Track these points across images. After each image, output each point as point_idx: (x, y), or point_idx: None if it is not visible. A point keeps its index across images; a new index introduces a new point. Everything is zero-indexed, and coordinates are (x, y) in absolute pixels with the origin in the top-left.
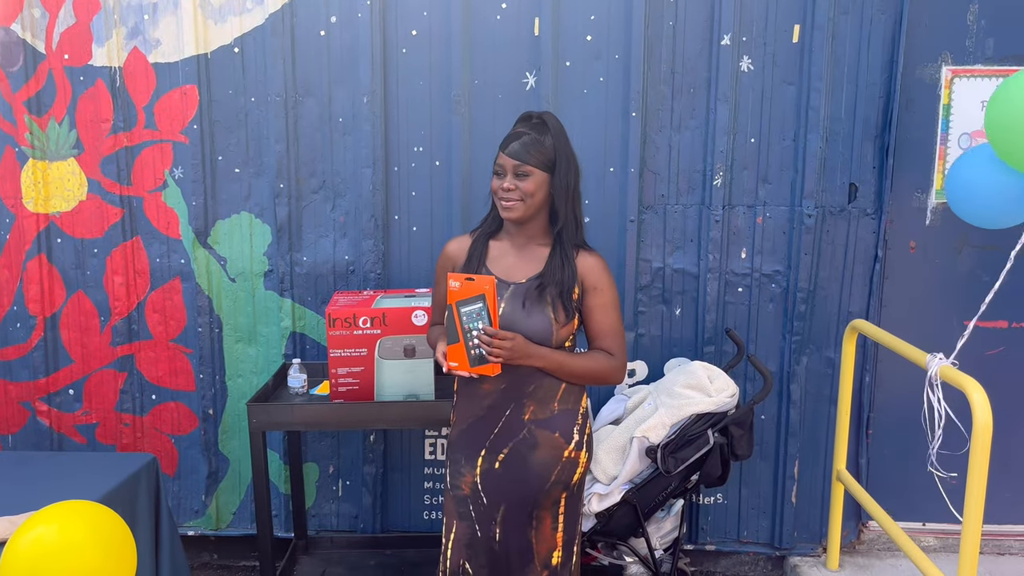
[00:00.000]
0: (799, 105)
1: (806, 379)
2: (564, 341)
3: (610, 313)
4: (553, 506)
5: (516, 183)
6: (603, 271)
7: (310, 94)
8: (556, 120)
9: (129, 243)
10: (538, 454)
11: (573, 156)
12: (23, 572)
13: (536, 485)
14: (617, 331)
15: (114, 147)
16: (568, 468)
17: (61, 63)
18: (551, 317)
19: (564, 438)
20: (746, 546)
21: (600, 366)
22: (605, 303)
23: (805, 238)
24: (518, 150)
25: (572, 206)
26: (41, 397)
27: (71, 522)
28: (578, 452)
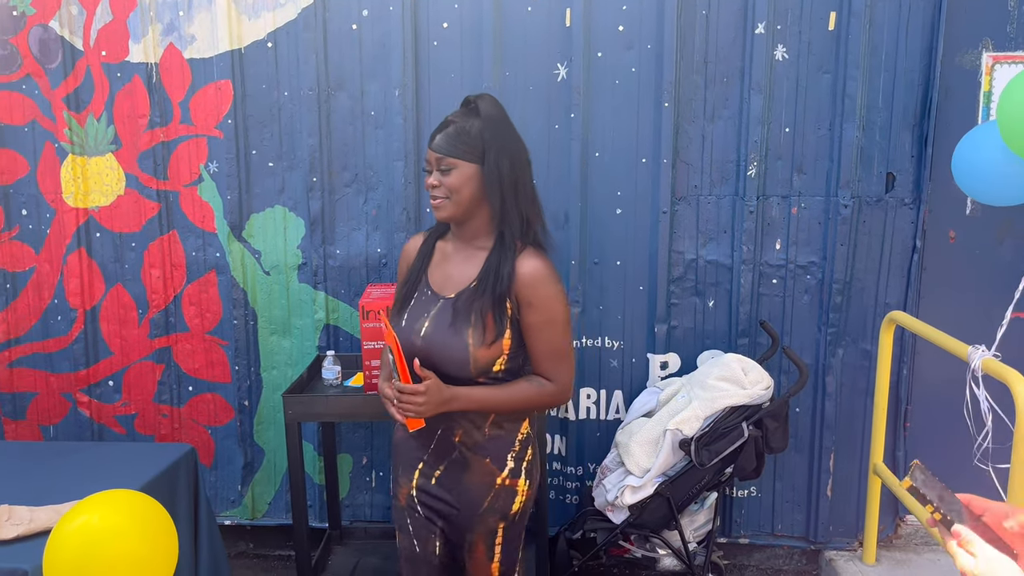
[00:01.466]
0: (835, 94)
1: (842, 371)
2: (491, 363)
3: (546, 333)
4: (488, 535)
5: (441, 179)
6: (541, 282)
7: (342, 88)
8: (492, 104)
9: (166, 237)
10: (469, 477)
11: (514, 143)
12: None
13: (468, 511)
14: (554, 353)
15: (151, 142)
16: (504, 497)
17: (99, 60)
18: (468, 341)
19: (496, 465)
20: (780, 540)
21: (531, 397)
22: (541, 322)
23: (841, 229)
24: (440, 142)
25: (516, 200)
26: (82, 388)
27: (115, 510)
28: (514, 480)
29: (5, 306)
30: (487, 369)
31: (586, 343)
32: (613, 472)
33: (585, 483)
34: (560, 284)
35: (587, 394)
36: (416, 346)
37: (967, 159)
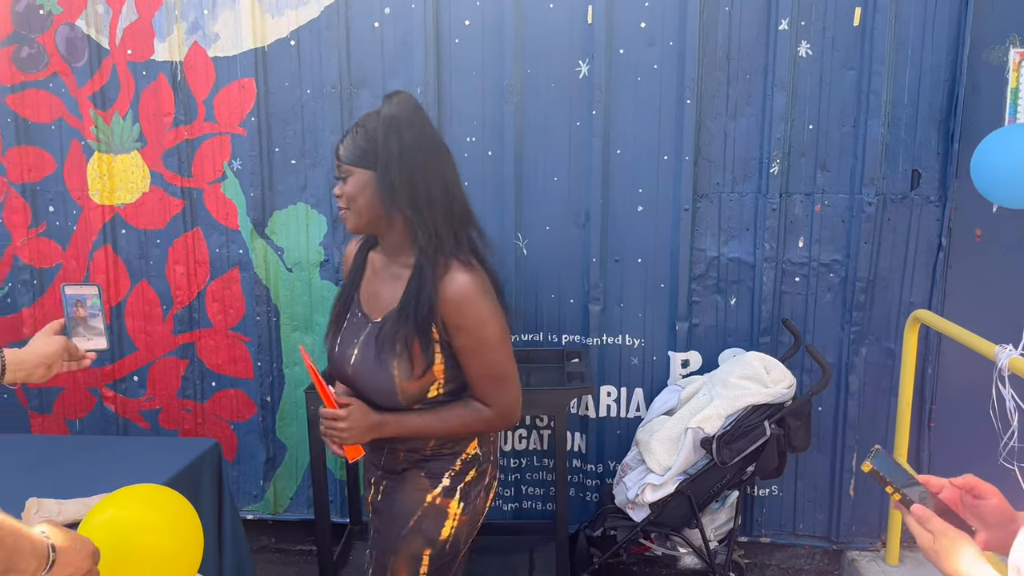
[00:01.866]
0: (860, 90)
1: (865, 370)
2: (423, 392)
3: (478, 356)
4: (411, 561)
5: (341, 187)
6: (467, 302)
7: (364, 86)
8: (400, 103)
9: (190, 234)
10: (402, 493)
11: (419, 146)
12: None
13: (393, 528)
14: (489, 377)
15: (175, 140)
16: (433, 518)
17: (124, 58)
18: (394, 373)
19: (430, 481)
20: (802, 539)
21: (467, 422)
22: (471, 345)
23: (865, 226)
24: (340, 148)
25: (423, 206)
26: (107, 383)
27: (142, 504)
28: (446, 500)
29: (32, 302)
30: (419, 398)
31: (607, 340)
32: (634, 470)
33: (605, 481)
34: (490, 301)
35: (608, 392)
36: (348, 375)
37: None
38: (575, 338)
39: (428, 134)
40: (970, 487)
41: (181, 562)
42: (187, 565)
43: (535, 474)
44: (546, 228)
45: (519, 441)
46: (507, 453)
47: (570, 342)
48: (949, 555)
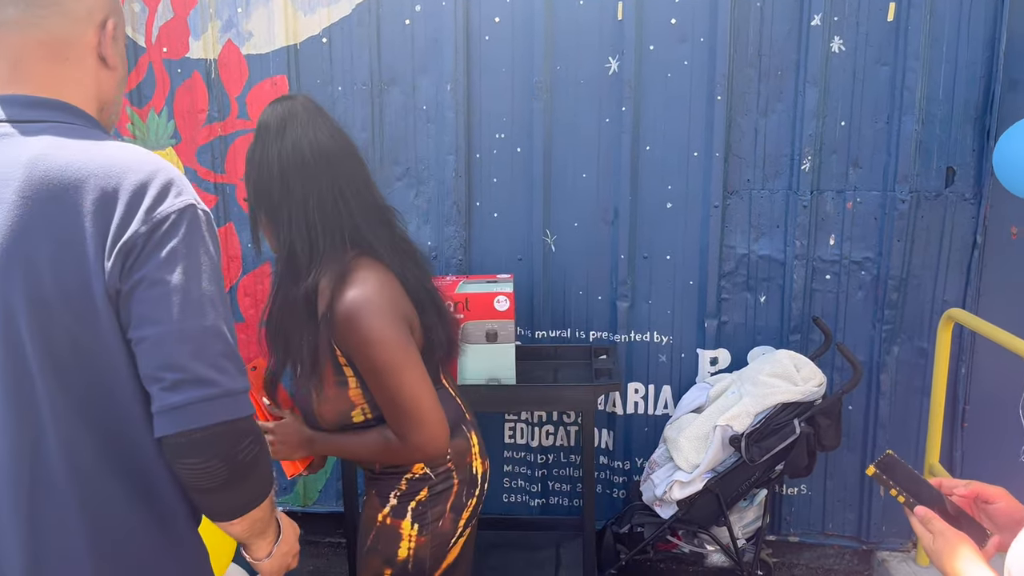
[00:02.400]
0: (893, 86)
1: (897, 369)
2: (343, 417)
3: (374, 381)
4: None
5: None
6: (352, 323)
7: (395, 83)
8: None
9: (223, 229)
10: (365, 511)
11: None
12: None
13: (359, 545)
14: (392, 406)
15: (209, 136)
16: (387, 538)
17: (160, 56)
18: (312, 397)
19: (379, 499)
20: (831, 539)
21: (378, 450)
22: (366, 369)
23: (898, 224)
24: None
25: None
26: None
27: None
28: (397, 520)
29: None
30: (340, 422)
31: (635, 337)
32: (661, 467)
33: (632, 478)
34: (380, 319)
35: (635, 389)
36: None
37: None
38: (603, 335)
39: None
40: (975, 494)
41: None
42: (221, 554)
43: (562, 470)
44: (574, 225)
45: (546, 437)
46: (534, 449)
47: (598, 339)
48: (946, 555)
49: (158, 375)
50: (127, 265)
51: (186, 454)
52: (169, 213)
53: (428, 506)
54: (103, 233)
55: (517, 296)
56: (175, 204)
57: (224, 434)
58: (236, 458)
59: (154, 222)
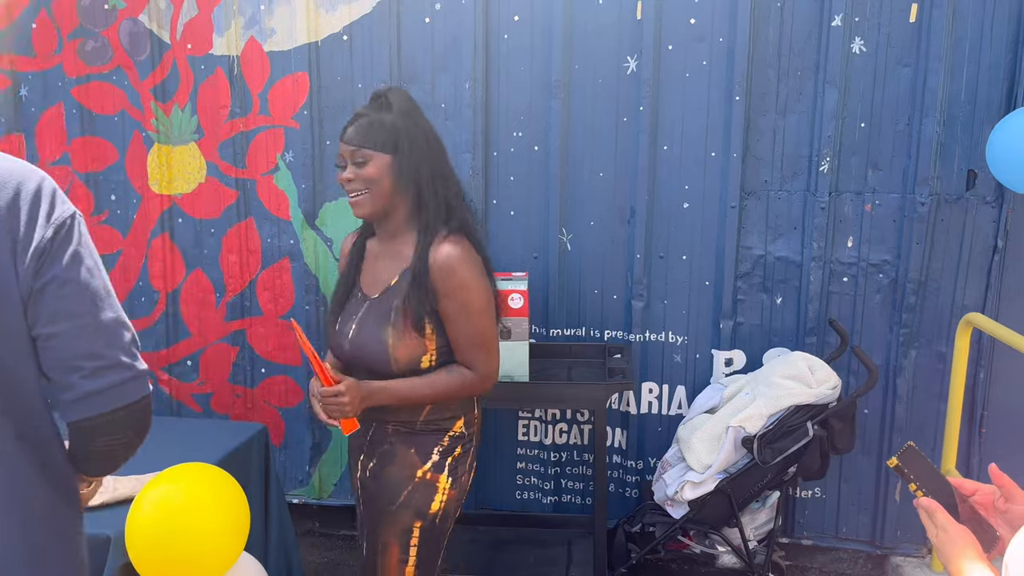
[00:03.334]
0: (915, 88)
1: (914, 373)
2: (415, 361)
3: (463, 321)
4: (402, 534)
5: (356, 171)
6: (454, 269)
7: (414, 80)
8: (403, 96)
9: (243, 224)
10: (391, 470)
11: (427, 134)
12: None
13: (382, 504)
14: (478, 343)
15: (231, 132)
16: (423, 493)
17: (184, 52)
18: (388, 342)
19: (420, 457)
20: (845, 543)
21: (451, 386)
22: (456, 310)
23: (917, 227)
24: (352, 134)
25: (434, 189)
26: (162, 367)
27: (193, 482)
28: (436, 475)
29: None
30: (411, 366)
31: (650, 337)
32: (674, 467)
33: (645, 477)
34: (476, 269)
35: (649, 388)
36: (345, 349)
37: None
38: (617, 334)
39: (428, 123)
40: (1001, 484)
41: (228, 540)
42: (233, 542)
43: (575, 468)
44: (591, 224)
45: (559, 435)
46: (548, 447)
47: (612, 338)
48: (947, 549)
49: (77, 364)
50: (39, 267)
51: (107, 432)
52: (65, 219)
53: (460, 462)
54: (13, 238)
55: (532, 294)
56: (66, 210)
57: (140, 410)
58: (146, 429)
59: (55, 227)
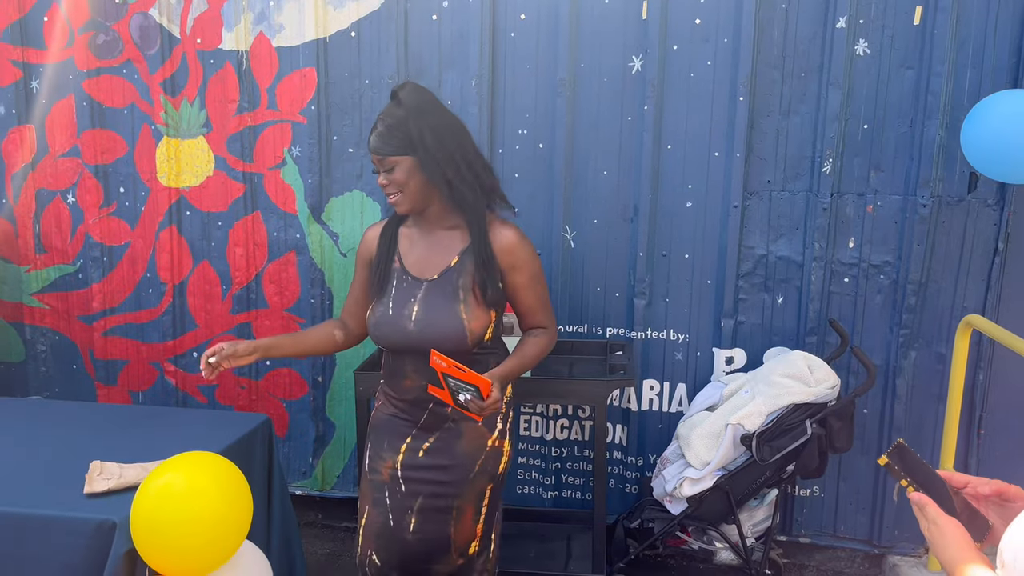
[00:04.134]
0: (918, 90)
1: (913, 374)
2: (484, 333)
3: (536, 288)
4: (477, 497)
5: (388, 177)
6: (520, 244)
7: (421, 77)
8: (414, 90)
9: (250, 217)
10: (462, 444)
11: (443, 121)
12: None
13: (460, 475)
14: (545, 303)
15: (239, 126)
16: (493, 458)
17: (194, 47)
18: (463, 317)
19: (488, 427)
20: (842, 541)
21: (542, 348)
22: (529, 279)
23: (918, 228)
24: (375, 143)
25: (464, 174)
26: (169, 358)
27: (197, 470)
28: (502, 441)
29: (102, 278)
30: (481, 337)
31: (651, 335)
32: (673, 463)
33: (645, 473)
34: (531, 245)
35: (650, 386)
36: (409, 330)
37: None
38: (619, 331)
39: (448, 115)
40: (998, 493)
41: (231, 528)
42: (236, 530)
43: (576, 464)
44: (594, 221)
45: (560, 431)
46: (548, 442)
47: (614, 335)
48: (939, 541)
49: None
50: None
51: None
52: None
53: (513, 424)
54: None
55: None
56: None
57: None
58: None
59: None
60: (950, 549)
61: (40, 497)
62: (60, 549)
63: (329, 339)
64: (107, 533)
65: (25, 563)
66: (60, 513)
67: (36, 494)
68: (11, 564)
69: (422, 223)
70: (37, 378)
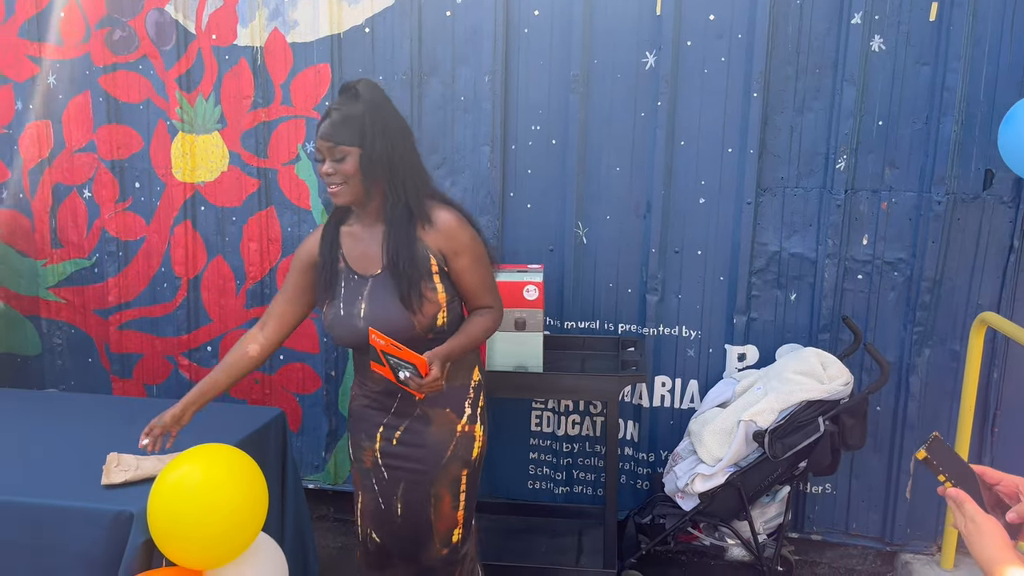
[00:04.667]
0: (933, 86)
1: (927, 372)
2: (434, 319)
3: (479, 270)
4: (453, 483)
5: (335, 166)
6: (459, 228)
7: (434, 73)
8: (372, 87)
9: (264, 212)
10: (432, 431)
11: (393, 119)
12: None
13: (432, 461)
14: (489, 284)
15: (253, 122)
16: (465, 443)
17: (209, 43)
18: (405, 311)
19: (455, 413)
20: (855, 539)
21: (488, 326)
22: (471, 262)
23: (933, 226)
24: (328, 131)
25: (406, 171)
26: (183, 352)
27: (213, 462)
28: (472, 426)
29: (117, 272)
30: (432, 326)
31: (663, 331)
32: (685, 460)
33: (656, 470)
34: (471, 226)
35: (662, 382)
36: (359, 328)
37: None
38: (631, 327)
39: (399, 116)
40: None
41: (246, 519)
42: (251, 522)
43: (587, 459)
44: (607, 218)
45: (572, 426)
46: (560, 437)
47: (626, 331)
48: (976, 539)
49: None
50: None
51: None
52: None
53: (485, 409)
54: None
55: (547, 287)
56: None
57: None
58: None
59: None
60: (988, 548)
61: (58, 488)
62: (78, 539)
63: (247, 361)
64: (124, 524)
65: (43, 553)
66: (78, 504)
67: (54, 485)
68: (30, 554)
69: (364, 219)
70: (53, 371)
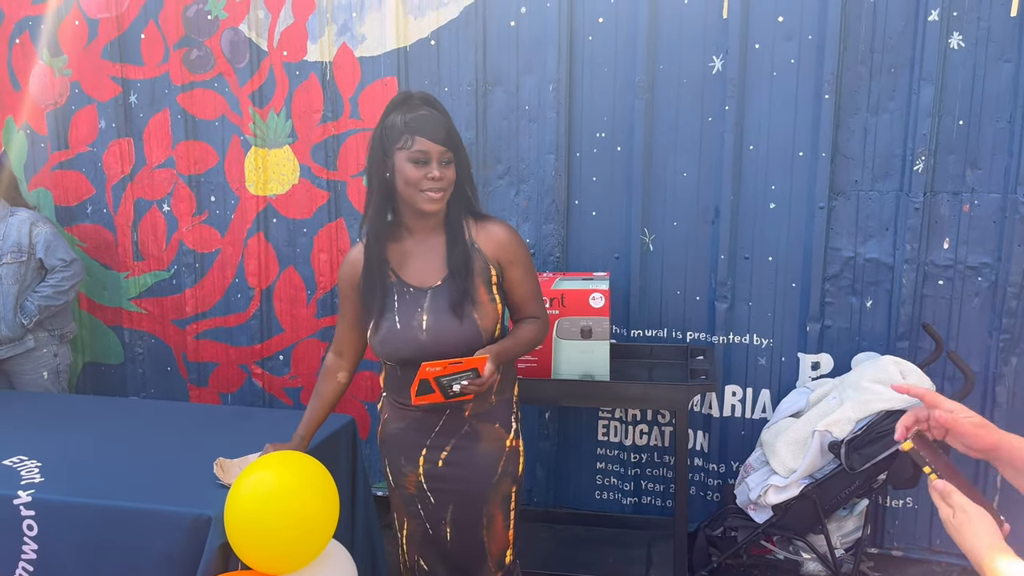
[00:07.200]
0: (1016, 84)
1: (1015, 381)
2: (495, 329)
3: (529, 280)
4: (504, 501)
5: (444, 171)
6: (513, 239)
7: (499, 83)
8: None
9: (333, 224)
10: (481, 447)
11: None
12: (244, 510)
13: (483, 480)
14: (538, 294)
15: (323, 135)
16: (513, 458)
17: (280, 59)
18: (475, 318)
19: (504, 428)
20: (938, 555)
21: (537, 334)
22: (524, 272)
23: (1019, 228)
24: (443, 135)
25: (469, 184)
26: (256, 361)
27: (287, 469)
28: (517, 440)
29: (194, 283)
30: (492, 336)
31: (733, 339)
32: (757, 471)
33: (727, 481)
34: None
35: (732, 391)
36: (422, 341)
37: None
38: (700, 335)
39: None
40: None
41: (319, 526)
42: (323, 529)
43: (655, 470)
44: (674, 224)
45: (640, 436)
46: (627, 447)
47: (695, 340)
48: (967, 528)
49: None
50: None
51: None
52: None
53: (523, 423)
54: None
55: (613, 294)
56: None
57: None
58: None
59: None
60: (979, 537)
61: (141, 491)
62: (160, 540)
63: (339, 388)
64: (203, 527)
65: (128, 553)
66: (159, 507)
67: (138, 488)
68: (116, 554)
69: (419, 230)
70: (135, 379)
